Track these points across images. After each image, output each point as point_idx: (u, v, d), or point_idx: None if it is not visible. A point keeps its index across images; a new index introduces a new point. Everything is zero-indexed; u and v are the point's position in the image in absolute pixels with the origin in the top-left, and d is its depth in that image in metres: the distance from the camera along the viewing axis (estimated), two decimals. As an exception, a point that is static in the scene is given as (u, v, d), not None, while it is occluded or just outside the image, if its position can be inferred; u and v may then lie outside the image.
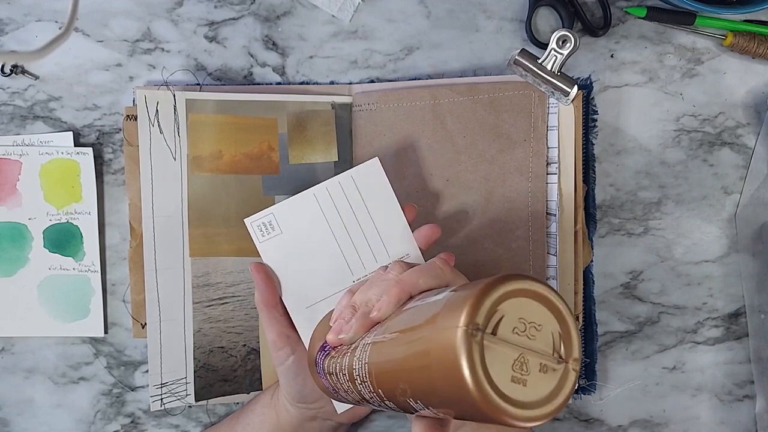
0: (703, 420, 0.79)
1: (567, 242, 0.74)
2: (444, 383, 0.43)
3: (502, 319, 0.43)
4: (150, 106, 0.72)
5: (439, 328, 0.44)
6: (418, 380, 0.46)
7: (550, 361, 0.44)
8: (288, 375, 0.67)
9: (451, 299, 0.45)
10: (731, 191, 0.78)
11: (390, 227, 0.66)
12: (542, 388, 0.43)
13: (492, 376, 0.41)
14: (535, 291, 0.44)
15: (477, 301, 0.42)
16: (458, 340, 0.41)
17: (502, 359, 0.42)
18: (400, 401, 0.49)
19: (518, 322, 0.43)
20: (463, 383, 0.41)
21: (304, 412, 0.69)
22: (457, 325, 0.42)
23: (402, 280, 0.57)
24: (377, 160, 0.67)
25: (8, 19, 0.75)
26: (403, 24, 0.76)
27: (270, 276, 0.66)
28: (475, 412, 0.42)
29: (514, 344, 0.43)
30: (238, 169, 0.74)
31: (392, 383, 0.49)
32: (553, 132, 0.74)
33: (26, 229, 0.75)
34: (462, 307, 0.42)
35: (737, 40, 0.75)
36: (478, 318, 0.42)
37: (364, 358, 0.52)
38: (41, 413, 0.77)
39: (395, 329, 0.51)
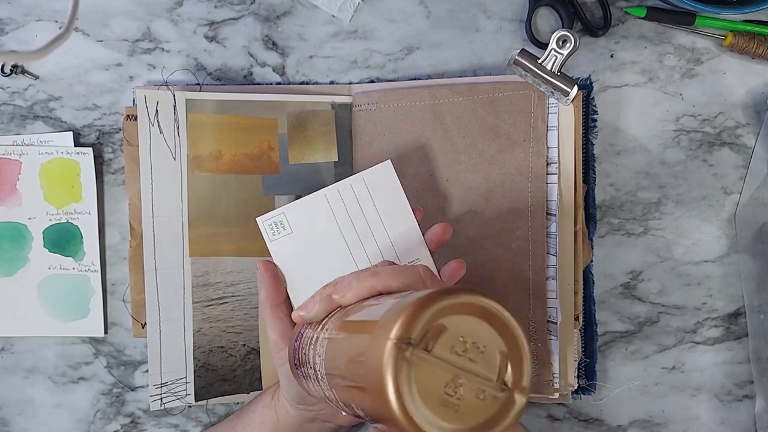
0: (703, 420, 0.79)
1: (567, 242, 0.74)
2: (374, 396, 0.40)
3: (442, 336, 0.39)
4: (150, 106, 0.72)
5: (374, 336, 0.41)
6: (357, 388, 0.43)
7: (491, 388, 0.40)
8: (288, 376, 0.66)
9: (393, 306, 0.42)
10: (731, 191, 0.78)
11: (400, 230, 0.66)
12: (476, 416, 0.40)
13: (417, 396, 0.38)
14: (485, 308, 0.41)
15: (413, 312, 0.39)
16: (386, 354, 0.38)
17: (433, 379, 0.39)
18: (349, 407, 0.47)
19: (459, 340, 0.40)
20: (387, 400, 0.38)
21: (304, 414, 0.69)
22: (388, 336, 0.39)
23: (377, 273, 0.56)
24: (389, 163, 0.66)
25: (8, 18, 0.75)
26: (403, 24, 0.76)
27: (277, 275, 0.66)
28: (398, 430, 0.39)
29: (450, 364, 0.39)
30: (238, 169, 0.74)
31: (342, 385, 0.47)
32: (553, 132, 0.74)
33: (26, 228, 0.75)
34: (397, 318, 0.39)
35: (737, 40, 0.75)
36: (412, 332, 0.39)
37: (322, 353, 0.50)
38: (41, 413, 0.77)
39: (346, 328, 0.49)
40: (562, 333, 0.73)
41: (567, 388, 0.74)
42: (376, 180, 0.66)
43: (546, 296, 0.74)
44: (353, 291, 0.55)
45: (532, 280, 0.74)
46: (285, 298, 0.66)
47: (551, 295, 0.73)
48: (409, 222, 0.66)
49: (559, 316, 0.73)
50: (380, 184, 0.66)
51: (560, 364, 0.73)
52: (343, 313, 0.54)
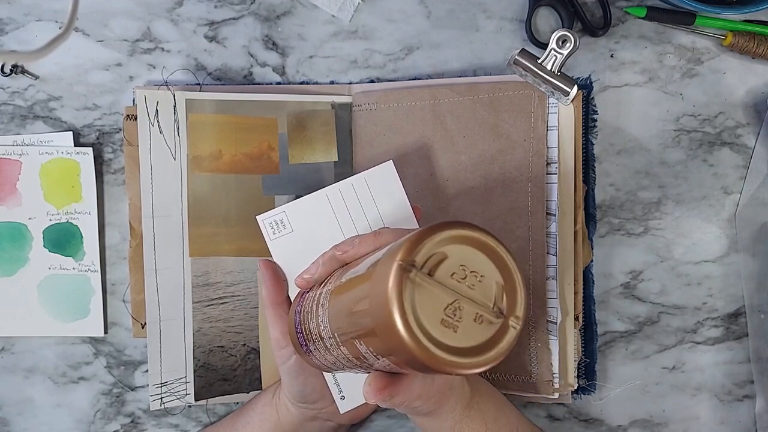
0: (703, 420, 0.79)
1: (567, 242, 0.74)
2: (378, 320, 0.42)
3: (443, 262, 0.42)
4: (150, 106, 0.72)
5: (380, 265, 0.43)
6: (362, 320, 0.45)
7: (488, 313, 0.43)
8: (290, 374, 0.67)
9: (398, 241, 0.45)
10: (731, 191, 0.78)
11: None
12: (474, 338, 0.42)
13: (419, 315, 0.41)
14: (484, 242, 0.43)
15: (417, 239, 0.42)
16: (392, 274, 0.41)
17: (434, 301, 0.41)
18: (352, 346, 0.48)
19: (459, 268, 0.42)
20: (391, 316, 0.40)
21: (304, 412, 0.69)
22: (394, 260, 0.41)
23: (379, 233, 0.58)
24: (391, 163, 0.67)
25: (8, 18, 0.75)
26: (403, 24, 0.76)
27: (278, 274, 0.66)
28: (403, 350, 0.41)
29: (450, 288, 0.42)
30: (238, 169, 0.74)
31: (343, 325, 0.48)
32: (553, 132, 0.74)
33: (26, 228, 0.75)
34: (402, 244, 0.42)
35: (737, 40, 0.75)
36: (416, 255, 0.41)
37: (326, 304, 0.52)
38: (41, 413, 0.77)
39: (349, 275, 0.50)
40: (562, 333, 0.73)
41: (567, 388, 0.74)
42: (378, 180, 0.66)
43: (546, 296, 0.74)
44: (355, 249, 0.57)
45: (532, 280, 0.74)
46: (286, 297, 0.66)
47: (551, 295, 0.73)
48: (410, 222, 0.66)
49: (559, 316, 0.73)
50: (381, 185, 0.66)
51: (560, 364, 0.73)
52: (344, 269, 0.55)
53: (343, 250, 0.57)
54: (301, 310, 0.59)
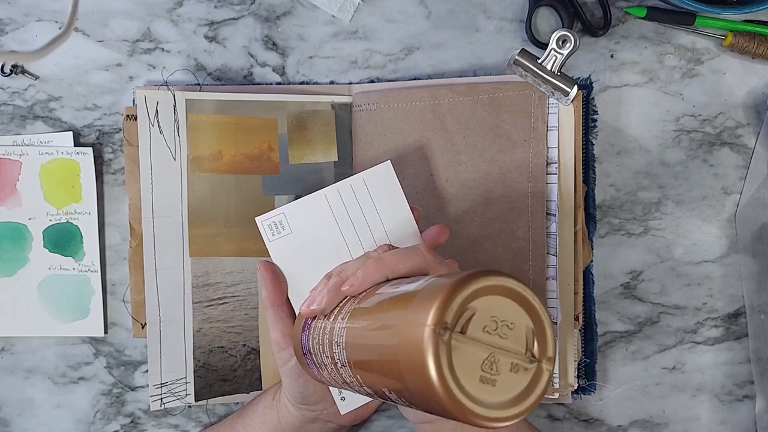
0: (703, 420, 0.79)
1: (567, 242, 0.74)
2: (412, 380, 0.42)
3: (473, 317, 0.42)
4: (150, 106, 0.72)
5: (408, 323, 0.42)
6: (389, 372, 0.45)
7: (522, 361, 0.43)
8: (291, 376, 0.66)
9: (422, 293, 0.44)
10: (731, 191, 0.78)
11: (400, 231, 0.66)
12: (513, 388, 0.42)
13: (459, 377, 0.40)
14: (510, 288, 0.43)
15: (447, 298, 0.41)
16: (425, 340, 0.40)
17: (470, 359, 0.41)
18: (378, 391, 0.48)
19: (490, 320, 0.42)
20: (430, 383, 0.40)
21: (305, 414, 0.69)
22: (425, 323, 0.41)
23: (382, 259, 0.57)
24: (389, 163, 0.66)
25: (8, 18, 0.75)
26: (403, 24, 0.76)
27: (278, 275, 0.66)
28: (443, 412, 0.41)
29: (484, 343, 0.42)
30: (238, 170, 0.74)
31: (368, 371, 0.48)
32: (553, 132, 0.74)
33: (26, 229, 0.75)
34: (431, 304, 0.41)
35: (737, 40, 0.75)
36: (447, 317, 0.41)
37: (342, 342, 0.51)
38: (41, 413, 0.77)
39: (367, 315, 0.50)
40: (562, 333, 0.73)
41: (567, 389, 0.74)
42: (376, 180, 0.66)
43: (546, 296, 0.74)
44: (360, 281, 0.56)
45: (532, 280, 0.74)
46: (287, 298, 0.66)
47: (551, 295, 0.73)
48: (408, 223, 0.66)
49: (559, 316, 0.73)
50: (380, 185, 0.66)
51: (560, 364, 0.73)
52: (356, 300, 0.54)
53: (350, 284, 0.56)
54: (308, 338, 0.58)
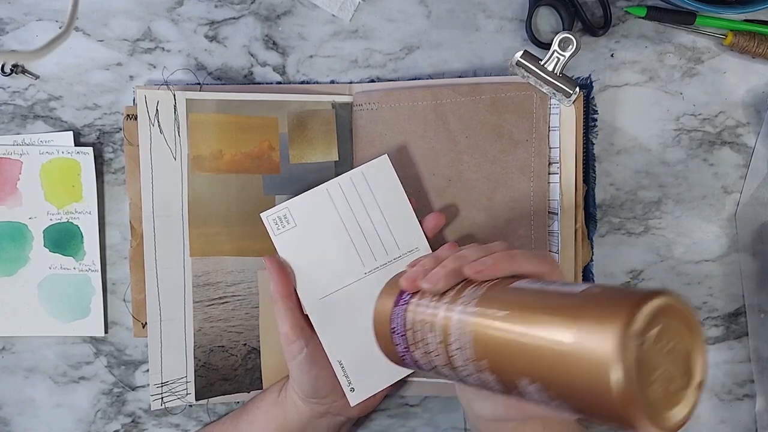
0: (704, 419, 0.79)
1: (568, 241, 0.74)
2: (583, 379, 0.42)
3: (656, 332, 0.42)
4: (150, 106, 0.72)
5: (591, 322, 0.43)
6: (544, 366, 0.45)
7: (681, 379, 0.44)
8: (301, 369, 0.67)
9: (598, 297, 0.45)
10: (731, 190, 0.78)
11: (399, 221, 0.69)
12: (671, 405, 0.43)
13: (639, 385, 0.41)
14: (682, 311, 0.44)
15: (638, 308, 0.42)
16: (618, 343, 0.41)
17: (647, 370, 0.42)
18: (508, 379, 0.48)
19: (666, 337, 0.43)
20: (611, 386, 0.41)
21: (315, 408, 0.69)
22: (619, 327, 0.41)
23: (513, 256, 0.55)
24: (386, 157, 0.70)
25: (8, 18, 0.75)
26: (404, 24, 0.76)
27: (283, 267, 0.67)
28: (607, 414, 0.42)
29: (661, 359, 0.43)
30: (238, 169, 0.74)
31: (506, 360, 0.48)
32: (555, 132, 0.74)
33: (26, 228, 0.75)
34: (622, 310, 0.42)
35: (737, 39, 0.75)
36: (639, 325, 0.41)
37: (467, 325, 0.51)
38: (42, 413, 0.77)
39: (514, 306, 0.49)
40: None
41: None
42: (375, 174, 0.69)
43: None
44: (490, 270, 0.54)
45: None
46: (293, 290, 0.67)
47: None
48: (407, 213, 0.69)
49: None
50: (379, 178, 0.69)
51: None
52: (479, 288, 0.53)
53: (476, 270, 0.54)
54: (404, 314, 0.57)
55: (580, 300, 0.45)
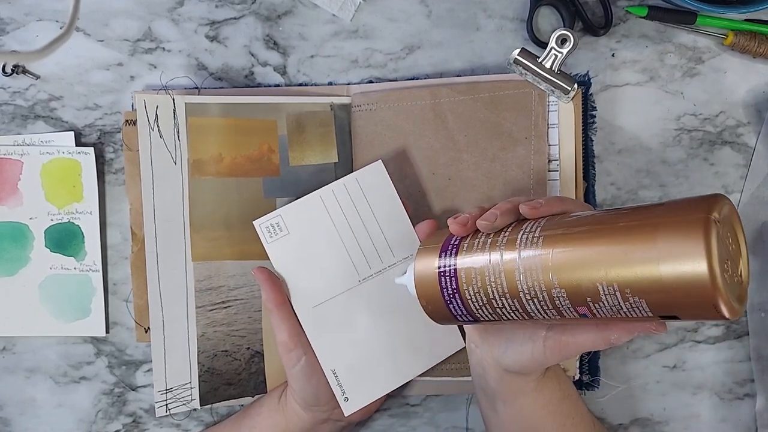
0: (704, 418, 0.79)
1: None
2: (669, 263, 0.46)
3: (723, 225, 0.47)
4: (149, 111, 0.72)
5: (672, 216, 0.47)
6: (627, 264, 0.48)
7: (737, 275, 0.49)
8: (301, 378, 0.67)
9: (670, 204, 0.49)
10: (732, 190, 0.78)
11: (394, 228, 0.69)
12: (734, 293, 0.47)
13: (719, 263, 0.45)
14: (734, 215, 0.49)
15: (715, 201, 0.47)
16: (703, 225, 0.45)
17: (721, 254, 0.45)
18: (583, 288, 0.51)
19: (728, 233, 0.48)
20: (698, 263, 0.45)
21: (316, 416, 0.69)
22: (703, 213, 0.46)
23: (563, 198, 0.58)
24: (380, 163, 0.69)
25: (9, 18, 0.75)
26: (404, 23, 0.76)
27: (274, 277, 0.67)
28: (690, 295, 0.46)
29: (727, 248, 0.47)
30: (238, 172, 0.74)
31: (583, 269, 0.51)
32: (554, 130, 0.74)
33: (27, 228, 0.75)
34: (701, 204, 0.47)
35: (738, 39, 0.75)
36: (717, 214, 0.46)
37: (535, 247, 0.53)
38: (43, 413, 0.78)
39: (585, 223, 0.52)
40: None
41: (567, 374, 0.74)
42: (369, 179, 0.69)
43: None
44: (544, 208, 0.56)
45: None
46: (287, 298, 0.66)
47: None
48: (402, 219, 0.69)
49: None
50: (373, 184, 0.69)
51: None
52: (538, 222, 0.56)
53: (533, 206, 0.56)
54: (456, 254, 0.59)
55: (655, 207, 0.50)
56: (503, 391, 0.65)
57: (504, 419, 0.66)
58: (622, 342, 0.55)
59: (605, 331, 0.55)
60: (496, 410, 0.66)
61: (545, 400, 0.65)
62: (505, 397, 0.65)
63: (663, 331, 0.53)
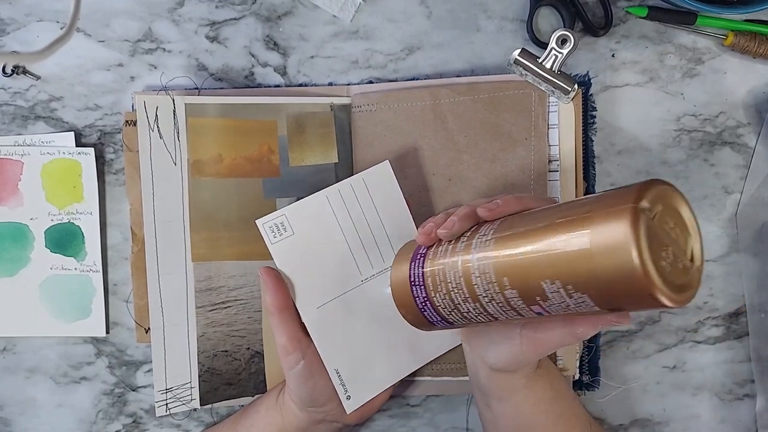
0: (704, 419, 0.79)
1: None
2: (603, 258, 0.45)
3: (659, 211, 0.46)
4: (149, 111, 0.72)
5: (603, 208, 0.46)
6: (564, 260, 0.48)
7: (684, 260, 0.47)
8: (299, 379, 0.67)
9: (604, 195, 0.48)
10: (732, 191, 0.78)
11: (398, 228, 0.69)
12: (677, 280, 0.45)
13: (652, 255, 0.44)
14: (678, 198, 0.48)
15: (644, 188, 0.46)
16: (631, 216, 0.44)
17: (657, 243, 0.45)
18: (530, 287, 0.50)
19: (667, 218, 0.47)
20: (630, 255, 0.44)
21: (312, 416, 0.69)
22: (630, 203, 0.45)
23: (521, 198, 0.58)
24: (388, 163, 0.69)
25: (10, 19, 0.75)
26: (404, 24, 0.76)
27: (280, 279, 0.66)
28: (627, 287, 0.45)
29: (667, 235, 0.46)
30: (238, 173, 0.74)
31: (527, 268, 0.50)
32: (554, 130, 0.74)
33: (28, 229, 0.75)
34: (629, 193, 0.46)
35: (738, 39, 0.75)
36: (645, 202, 0.45)
37: (486, 251, 0.54)
38: (43, 413, 0.78)
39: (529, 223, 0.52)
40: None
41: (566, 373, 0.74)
42: (375, 180, 0.68)
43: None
44: (501, 208, 0.57)
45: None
46: (291, 302, 0.66)
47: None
48: (406, 219, 0.69)
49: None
50: (379, 184, 0.68)
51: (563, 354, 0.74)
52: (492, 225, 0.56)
53: (489, 208, 0.57)
54: (423, 264, 0.59)
55: (589, 200, 0.49)
56: (495, 389, 0.65)
57: (498, 416, 0.67)
58: (589, 335, 0.56)
59: (571, 326, 0.56)
60: (491, 408, 0.67)
61: (536, 398, 0.65)
62: (497, 394, 0.66)
63: (625, 322, 0.53)
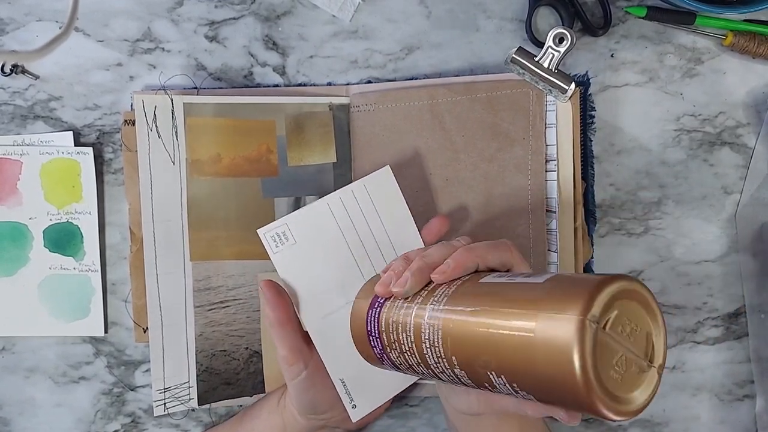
0: (703, 419, 0.79)
1: (567, 239, 0.74)
2: (545, 367, 0.43)
3: (614, 316, 0.44)
4: (148, 111, 0.72)
5: (551, 312, 0.44)
6: (508, 358, 0.46)
7: (642, 363, 0.45)
8: (301, 389, 0.66)
9: (557, 286, 0.46)
10: (731, 191, 0.78)
11: (401, 233, 0.67)
12: (632, 388, 0.44)
13: (599, 369, 0.42)
14: (640, 293, 0.45)
15: (595, 294, 0.43)
16: (575, 329, 0.42)
17: (607, 354, 0.43)
18: (477, 373, 0.49)
19: (624, 321, 0.44)
20: (572, 371, 0.42)
21: (313, 423, 0.69)
22: (576, 314, 0.42)
23: (473, 249, 0.56)
24: (389, 168, 0.67)
25: (9, 18, 0.75)
26: (404, 24, 0.76)
27: (282, 292, 0.64)
28: (570, 400, 0.43)
29: (620, 342, 0.44)
30: (237, 172, 0.74)
31: (473, 355, 0.49)
32: (552, 129, 0.74)
33: (27, 228, 0.75)
34: (579, 298, 0.43)
35: (737, 39, 0.75)
36: (595, 311, 0.42)
37: (437, 323, 0.52)
38: (42, 413, 0.78)
39: (477, 302, 0.50)
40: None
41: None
42: (377, 185, 0.67)
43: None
44: (452, 269, 0.55)
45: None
46: (292, 313, 0.64)
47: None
48: (409, 226, 0.67)
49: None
50: (380, 190, 0.67)
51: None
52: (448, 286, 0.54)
53: (441, 272, 0.55)
54: (379, 317, 0.58)
55: (542, 290, 0.46)
56: (462, 427, 0.66)
57: None
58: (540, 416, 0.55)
59: (523, 404, 0.54)
60: None
61: None
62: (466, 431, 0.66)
63: (575, 422, 0.51)
